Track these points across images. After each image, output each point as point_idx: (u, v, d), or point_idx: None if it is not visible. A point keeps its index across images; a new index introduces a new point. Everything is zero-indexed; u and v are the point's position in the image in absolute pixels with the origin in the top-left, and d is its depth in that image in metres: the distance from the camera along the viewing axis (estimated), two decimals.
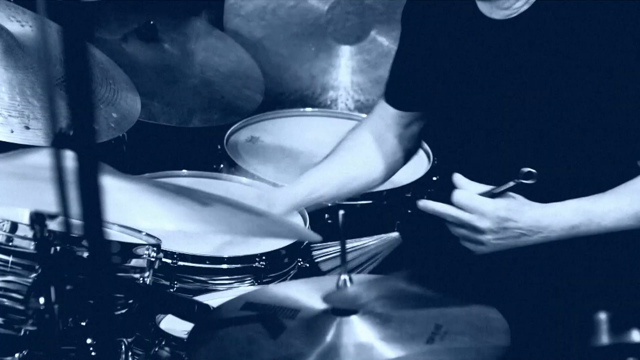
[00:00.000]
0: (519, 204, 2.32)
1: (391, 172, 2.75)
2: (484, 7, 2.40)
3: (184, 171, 3.15)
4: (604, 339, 1.88)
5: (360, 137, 2.73)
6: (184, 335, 2.41)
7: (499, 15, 2.38)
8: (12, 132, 2.52)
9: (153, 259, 2.36)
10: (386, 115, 2.69)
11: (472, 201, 2.32)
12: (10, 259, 2.19)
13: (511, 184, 2.31)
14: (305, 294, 1.98)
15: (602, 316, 1.89)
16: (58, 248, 2.11)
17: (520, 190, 2.33)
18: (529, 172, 2.31)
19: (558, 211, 2.32)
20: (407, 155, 2.75)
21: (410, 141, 2.72)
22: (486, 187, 2.35)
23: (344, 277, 1.90)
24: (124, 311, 2.32)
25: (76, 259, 2.18)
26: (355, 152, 2.72)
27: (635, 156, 2.37)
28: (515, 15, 2.36)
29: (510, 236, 2.32)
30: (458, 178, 2.36)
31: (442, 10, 2.50)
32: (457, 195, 2.33)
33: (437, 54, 2.51)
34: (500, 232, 2.32)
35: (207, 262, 2.75)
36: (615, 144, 2.37)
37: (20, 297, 2.18)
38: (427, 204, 2.37)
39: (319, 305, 1.91)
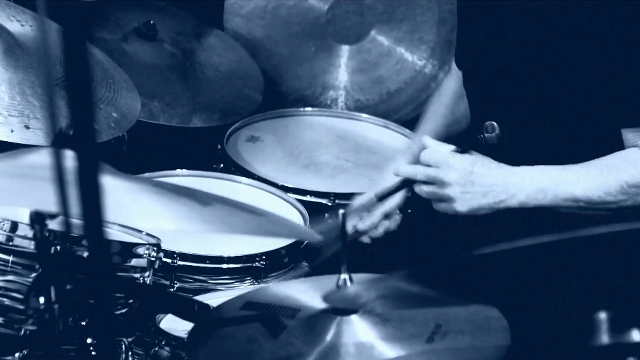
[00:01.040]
0: (487, 161, 2.36)
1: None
2: None
3: (184, 170, 3.15)
4: (604, 338, 1.88)
5: (451, 88, 2.87)
6: (184, 334, 2.41)
7: None
8: (12, 131, 2.52)
9: (153, 259, 2.36)
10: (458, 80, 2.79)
11: (438, 155, 2.36)
12: (11, 258, 2.19)
13: (478, 138, 2.36)
14: (305, 293, 1.98)
15: (602, 316, 1.89)
16: (58, 248, 2.12)
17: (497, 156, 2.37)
18: (492, 124, 2.34)
19: (526, 171, 2.35)
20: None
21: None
22: (454, 147, 2.39)
23: (344, 276, 1.90)
24: (124, 311, 2.32)
25: (76, 259, 2.18)
26: (455, 97, 2.84)
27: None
28: None
29: (478, 191, 2.34)
30: (426, 139, 2.42)
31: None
32: (424, 153, 2.38)
33: (472, 15, 2.55)
34: (467, 185, 2.34)
35: (207, 262, 2.75)
36: (607, 119, 2.38)
37: (20, 296, 2.18)
38: (399, 170, 2.43)
39: (319, 304, 1.91)
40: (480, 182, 2.34)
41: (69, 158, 1.14)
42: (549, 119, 2.43)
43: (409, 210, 3.13)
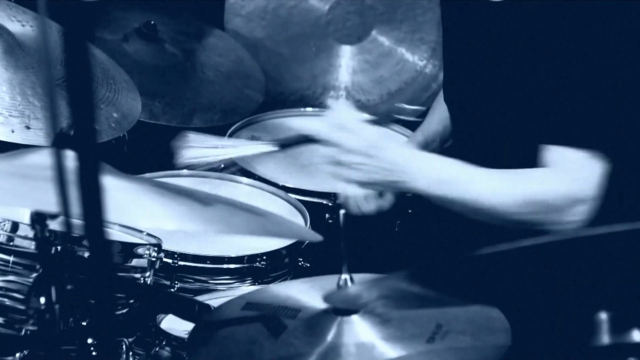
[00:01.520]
0: (396, 141, 2.34)
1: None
2: None
3: (184, 171, 3.15)
4: (605, 338, 1.88)
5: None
6: (184, 335, 2.41)
7: None
8: (12, 131, 2.52)
9: (154, 259, 2.36)
10: None
11: (346, 120, 2.31)
12: (11, 258, 2.19)
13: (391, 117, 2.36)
14: (306, 293, 1.98)
15: (603, 316, 1.89)
16: (59, 248, 2.12)
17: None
18: (403, 107, 2.34)
19: (432, 159, 2.34)
20: None
21: None
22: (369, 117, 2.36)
23: (345, 276, 1.90)
24: (124, 311, 2.32)
25: (77, 259, 2.18)
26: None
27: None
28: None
29: (376, 165, 2.28)
30: (340, 103, 2.38)
31: (449, 7, 2.54)
32: (333, 114, 2.33)
33: (448, 43, 2.55)
34: (367, 157, 2.28)
35: (208, 262, 2.75)
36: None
37: (21, 296, 2.18)
38: (303, 125, 2.37)
39: (320, 304, 1.91)
40: (381, 157, 2.29)
41: (70, 158, 1.14)
42: (497, 132, 2.42)
43: (410, 211, 3.13)
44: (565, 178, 2.30)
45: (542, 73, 2.32)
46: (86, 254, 2.19)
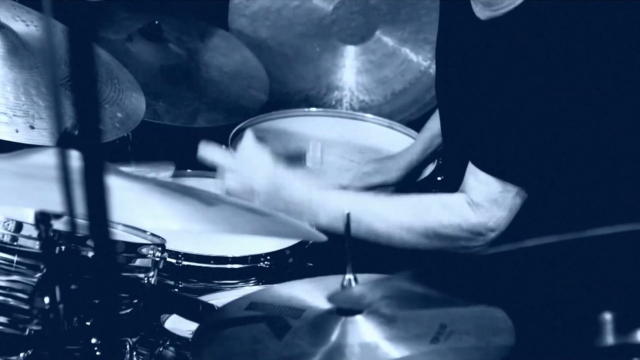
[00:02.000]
0: (299, 177, 2.37)
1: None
2: (475, 7, 2.45)
3: (188, 171, 3.15)
4: (609, 339, 1.88)
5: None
6: (188, 335, 2.41)
7: (485, 14, 2.42)
8: (17, 131, 2.53)
9: (158, 259, 2.36)
10: None
11: (255, 151, 2.40)
12: (15, 258, 2.19)
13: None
14: (310, 293, 1.98)
15: (607, 316, 1.89)
16: (63, 248, 2.12)
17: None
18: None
19: (334, 195, 2.41)
20: None
21: None
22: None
23: (349, 277, 1.90)
24: (128, 311, 2.32)
25: (81, 259, 2.18)
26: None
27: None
28: (498, 15, 2.40)
29: (280, 203, 2.33)
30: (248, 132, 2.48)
31: (447, 11, 2.55)
32: (242, 145, 2.40)
33: (439, 53, 2.57)
34: (272, 195, 2.34)
35: (212, 262, 2.75)
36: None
37: (25, 296, 2.18)
38: (206, 152, 2.43)
39: (324, 305, 1.91)
40: (284, 195, 2.35)
41: (74, 158, 1.14)
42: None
43: None
44: (471, 213, 2.34)
45: (495, 94, 2.34)
46: (90, 254, 2.19)
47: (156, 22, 3.51)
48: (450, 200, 2.37)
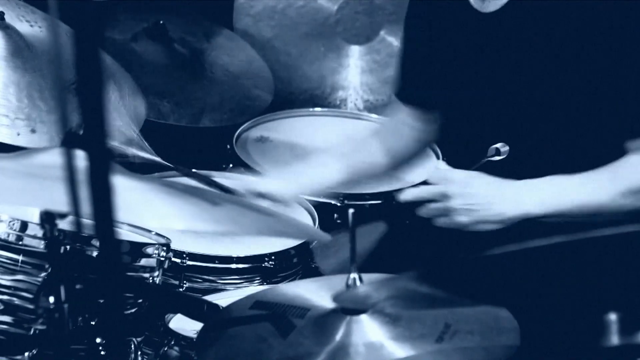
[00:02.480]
0: (488, 176, 2.37)
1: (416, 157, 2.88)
2: (475, 2, 2.45)
3: (193, 171, 3.15)
4: (614, 339, 1.88)
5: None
6: (193, 334, 2.41)
7: (488, 8, 2.42)
8: (18, 134, 2.53)
9: (162, 259, 2.36)
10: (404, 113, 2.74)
11: (440, 173, 2.38)
12: (20, 257, 2.19)
13: (483, 160, 2.38)
14: (314, 293, 1.98)
15: (613, 317, 1.88)
16: (68, 247, 2.12)
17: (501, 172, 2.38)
18: (497, 148, 2.36)
19: (529, 182, 2.36)
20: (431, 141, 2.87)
21: (429, 131, 2.77)
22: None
23: (354, 276, 1.90)
24: (133, 310, 2.32)
25: (86, 258, 2.18)
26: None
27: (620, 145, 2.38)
28: (500, 7, 2.39)
29: (479, 203, 2.34)
30: (439, 164, 2.44)
31: (438, 9, 2.54)
32: (429, 175, 2.40)
33: (435, 53, 2.55)
34: (467, 197, 2.34)
35: (217, 262, 2.75)
36: (605, 130, 2.38)
37: (30, 296, 2.18)
38: (406, 193, 2.44)
39: (329, 304, 1.91)
40: (481, 194, 2.35)
41: (80, 158, 1.14)
42: (552, 134, 2.42)
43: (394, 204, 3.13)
44: None
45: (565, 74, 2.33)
46: (95, 254, 2.19)
47: (161, 22, 3.51)
48: (631, 160, 2.36)
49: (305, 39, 3.96)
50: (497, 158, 2.39)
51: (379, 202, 3.15)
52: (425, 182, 2.89)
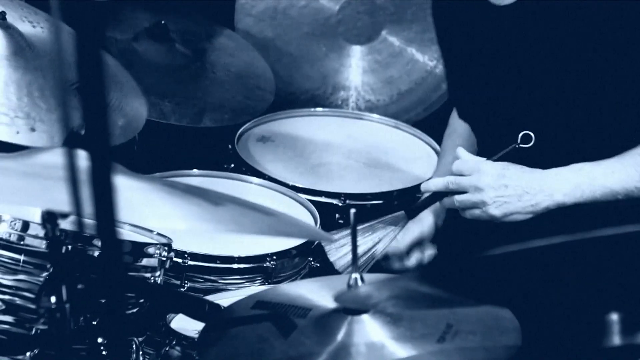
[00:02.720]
0: (519, 166, 2.36)
1: None
2: None
3: (195, 170, 3.16)
4: (616, 339, 1.88)
5: (458, 129, 2.86)
6: (194, 334, 2.41)
7: (503, 1, 2.42)
8: (17, 133, 2.53)
9: (164, 258, 2.37)
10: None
11: (469, 163, 2.37)
12: (22, 257, 2.19)
13: (510, 148, 2.37)
14: (316, 292, 1.98)
15: (614, 317, 1.88)
16: (69, 247, 2.12)
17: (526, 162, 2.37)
18: (527, 134, 2.35)
19: (559, 171, 2.35)
20: None
21: None
22: (484, 158, 2.41)
23: (355, 276, 1.90)
24: (135, 310, 2.32)
25: (87, 258, 2.18)
26: (461, 138, 2.82)
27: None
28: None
29: (513, 194, 2.34)
30: (459, 150, 2.42)
31: (455, 7, 2.54)
32: (455, 164, 2.38)
33: (459, 52, 2.55)
34: (501, 189, 2.34)
35: (218, 262, 2.75)
36: (623, 121, 2.38)
37: (31, 296, 2.18)
38: (429, 184, 2.43)
39: (330, 304, 1.90)
40: (514, 185, 2.34)
41: (82, 158, 1.14)
42: (576, 125, 2.42)
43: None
44: None
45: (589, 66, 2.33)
46: (97, 253, 2.19)
47: (162, 22, 3.51)
48: None
49: (307, 39, 3.96)
50: (524, 146, 2.38)
51: (381, 202, 3.15)
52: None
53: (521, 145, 2.39)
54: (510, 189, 2.34)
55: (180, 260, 2.70)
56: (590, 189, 2.33)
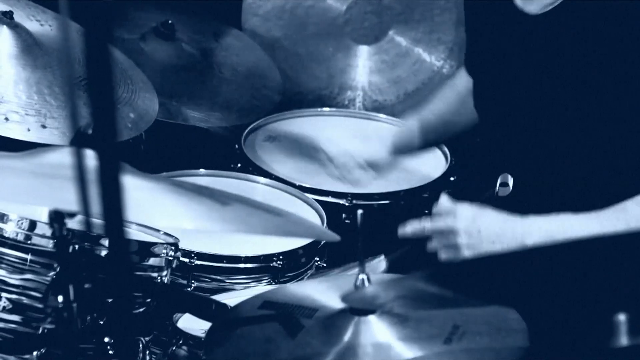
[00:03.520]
0: (494, 211, 2.36)
1: (472, 124, 2.86)
2: (519, 1, 2.44)
3: (202, 170, 3.16)
4: (623, 340, 1.87)
5: (457, 84, 2.88)
6: (201, 334, 2.41)
7: (532, 8, 2.41)
8: (28, 130, 2.53)
9: (171, 258, 2.37)
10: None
11: (447, 205, 2.38)
12: (29, 257, 2.19)
13: (487, 194, 2.39)
14: (323, 293, 1.97)
15: (621, 317, 1.88)
16: (77, 246, 2.12)
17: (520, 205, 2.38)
18: (505, 177, 2.37)
19: (534, 219, 2.36)
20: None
21: None
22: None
23: (362, 276, 1.90)
24: (141, 310, 2.32)
25: (95, 258, 2.18)
26: (455, 92, 2.89)
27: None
28: (548, 9, 2.39)
29: (485, 239, 2.35)
30: (442, 195, 2.46)
31: (485, 7, 2.54)
32: (435, 207, 2.41)
33: (479, 49, 2.56)
34: (475, 233, 2.35)
35: (225, 262, 2.75)
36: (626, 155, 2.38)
37: (38, 295, 2.19)
38: (406, 229, 2.45)
39: (337, 304, 1.90)
40: (487, 230, 2.36)
41: (90, 157, 1.14)
42: (561, 162, 2.42)
43: (426, 211, 3.13)
44: None
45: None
46: (104, 253, 2.19)
47: (170, 22, 3.52)
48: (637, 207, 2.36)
49: (314, 38, 3.96)
50: (504, 189, 2.40)
51: (387, 202, 3.15)
52: (435, 184, 2.90)
53: (497, 193, 2.42)
54: (484, 234, 2.36)
55: (187, 260, 2.71)
56: (562, 240, 2.34)
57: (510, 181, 2.44)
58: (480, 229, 2.36)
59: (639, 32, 2.31)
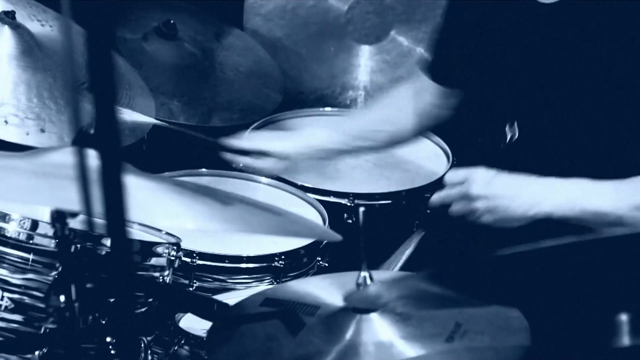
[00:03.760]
0: (510, 174, 2.37)
1: (419, 129, 2.89)
2: None
3: (204, 170, 3.16)
4: (625, 340, 1.87)
5: (400, 90, 2.90)
6: (203, 333, 2.41)
7: None
8: (27, 134, 2.53)
9: (173, 258, 2.37)
10: (427, 84, 2.78)
11: (460, 174, 2.39)
12: (31, 256, 2.20)
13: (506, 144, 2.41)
14: (325, 290, 1.97)
15: (624, 317, 1.88)
16: (79, 246, 2.12)
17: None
18: (512, 127, 2.38)
19: (553, 181, 2.35)
20: (439, 120, 2.86)
21: (445, 109, 2.80)
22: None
23: (364, 274, 1.90)
24: (143, 310, 2.32)
25: (97, 257, 2.19)
26: (393, 98, 2.90)
27: None
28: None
29: (503, 202, 2.34)
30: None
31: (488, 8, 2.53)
32: (448, 175, 2.42)
33: (481, 35, 2.55)
34: (491, 197, 2.35)
35: (227, 261, 2.75)
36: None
37: (40, 295, 2.19)
38: (432, 200, 2.46)
39: (339, 302, 1.90)
40: (503, 195, 2.35)
41: (92, 157, 1.15)
42: (569, 125, 2.42)
43: (428, 211, 3.13)
44: None
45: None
46: (106, 253, 2.19)
47: (171, 22, 3.52)
48: None
49: (316, 38, 3.96)
50: (512, 137, 2.40)
51: (389, 202, 3.15)
52: (437, 183, 2.90)
53: (507, 139, 2.43)
54: (498, 199, 2.36)
55: (189, 260, 2.71)
56: (581, 206, 2.33)
57: (516, 130, 2.45)
58: (496, 192, 2.36)
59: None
